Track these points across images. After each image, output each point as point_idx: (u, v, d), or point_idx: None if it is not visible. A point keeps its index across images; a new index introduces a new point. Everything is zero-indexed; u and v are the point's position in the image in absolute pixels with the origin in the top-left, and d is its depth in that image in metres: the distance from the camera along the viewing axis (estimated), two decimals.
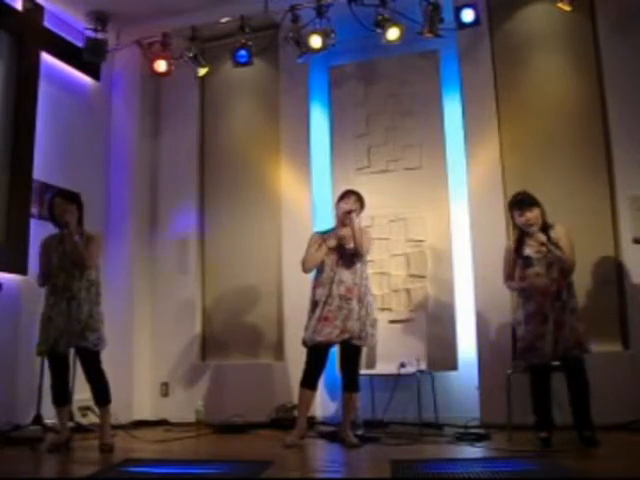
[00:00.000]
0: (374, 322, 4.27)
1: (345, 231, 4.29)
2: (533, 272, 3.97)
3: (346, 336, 4.11)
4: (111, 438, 4.09)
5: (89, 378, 4.08)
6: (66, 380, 4.13)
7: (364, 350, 5.04)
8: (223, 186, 5.93)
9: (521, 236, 4.06)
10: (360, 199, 4.37)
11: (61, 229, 4.13)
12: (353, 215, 4.22)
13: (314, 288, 4.26)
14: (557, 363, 3.94)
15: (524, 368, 4.02)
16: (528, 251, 4.00)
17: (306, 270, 4.33)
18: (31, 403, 4.61)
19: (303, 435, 4.23)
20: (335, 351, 4.33)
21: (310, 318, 4.19)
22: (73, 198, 4.23)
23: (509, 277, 4.11)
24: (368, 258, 4.41)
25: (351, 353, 4.18)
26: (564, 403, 3.93)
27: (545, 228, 3.99)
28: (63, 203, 4.14)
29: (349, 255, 4.23)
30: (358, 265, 4.25)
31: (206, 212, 5.97)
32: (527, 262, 4.00)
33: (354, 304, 4.14)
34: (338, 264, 4.22)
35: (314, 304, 4.20)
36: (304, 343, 4.20)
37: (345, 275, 4.19)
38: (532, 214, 3.97)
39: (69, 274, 4.06)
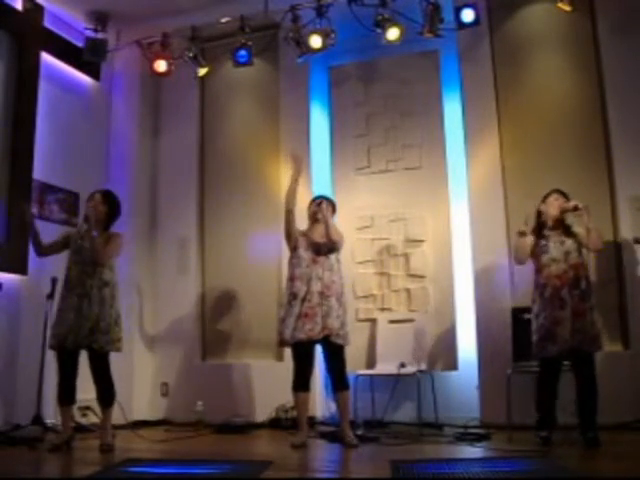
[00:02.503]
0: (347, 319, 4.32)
1: (317, 231, 4.34)
2: (549, 258, 4.00)
3: (326, 332, 4.10)
4: (111, 438, 4.09)
5: (95, 379, 4.07)
6: (73, 379, 4.09)
7: (364, 350, 5.06)
8: (223, 186, 5.93)
9: (539, 228, 4.13)
10: (330, 201, 4.48)
11: (86, 223, 4.17)
12: (323, 205, 4.32)
13: (290, 280, 4.26)
14: (567, 363, 3.94)
15: (539, 361, 4.00)
16: (544, 241, 4.06)
17: (289, 205, 4.39)
18: (31, 403, 4.60)
19: (307, 435, 4.26)
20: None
21: (288, 314, 4.17)
22: (108, 199, 4.26)
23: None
24: (368, 258, 4.40)
25: (335, 352, 4.17)
26: (564, 402, 3.93)
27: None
28: (99, 200, 4.21)
29: (326, 252, 4.25)
30: (334, 263, 4.27)
31: (206, 212, 5.97)
32: (543, 249, 4.05)
33: (333, 301, 4.15)
34: (315, 261, 4.23)
35: (292, 296, 4.19)
36: (283, 343, 4.20)
37: (322, 272, 4.20)
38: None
39: (82, 270, 4.07)
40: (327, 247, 4.27)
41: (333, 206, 4.49)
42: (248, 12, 5.40)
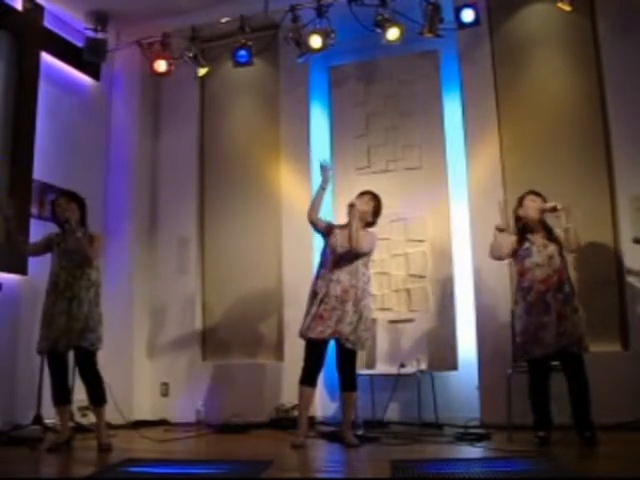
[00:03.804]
0: (369, 326, 4.28)
1: (346, 233, 4.26)
2: (532, 262, 4.00)
3: (336, 336, 4.12)
4: (108, 438, 4.10)
5: (85, 378, 4.08)
6: (66, 380, 4.13)
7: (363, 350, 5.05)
8: (223, 186, 5.93)
9: (522, 231, 4.12)
10: (375, 199, 4.35)
11: (63, 228, 4.15)
12: (355, 209, 4.20)
13: (315, 278, 4.27)
14: (556, 363, 3.96)
15: (526, 362, 4.01)
16: (528, 244, 4.05)
17: (310, 216, 4.29)
18: (31, 403, 4.61)
19: (307, 434, 4.25)
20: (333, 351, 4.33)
21: (307, 312, 4.19)
22: (75, 198, 4.26)
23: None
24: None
25: (347, 356, 4.18)
26: (562, 402, 3.94)
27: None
28: (65, 202, 4.19)
29: (348, 255, 4.22)
30: (359, 267, 4.22)
31: (206, 212, 5.97)
32: (526, 253, 4.04)
33: (349, 307, 4.13)
34: (338, 264, 4.21)
35: (313, 294, 4.20)
36: (300, 334, 4.22)
37: (342, 275, 4.18)
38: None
39: (70, 273, 4.06)
40: (349, 255, 4.21)
41: (376, 203, 4.34)
42: (248, 12, 5.40)
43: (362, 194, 4.37)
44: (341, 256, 4.22)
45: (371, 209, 4.32)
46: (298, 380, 4.18)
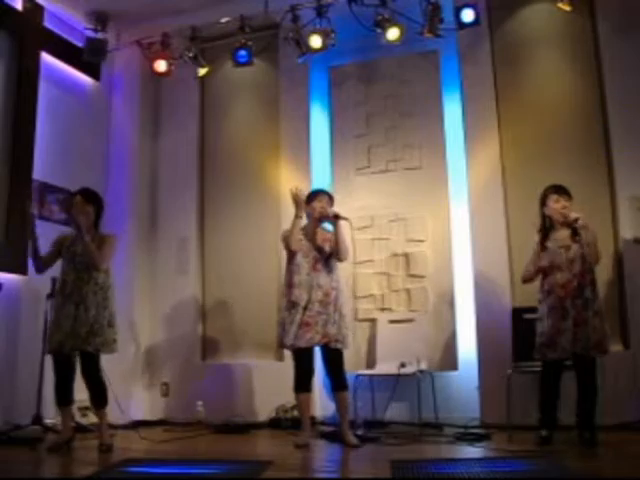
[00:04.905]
0: (348, 323, 4.29)
1: (321, 233, 4.28)
2: (554, 264, 3.96)
3: (325, 340, 4.11)
4: (109, 438, 4.09)
5: (87, 380, 4.07)
6: (70, 381, 4.11)
7: (364, 350, 5.06)
8: (223, 186, 5.93)
9: (546, 230, 4.08)
10: (331, 198, 4.37)
11: (76, 228, 4.14)
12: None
13: (289, 287, 4.21)
14: (569, 362, 3.94)
15: (540, 363, 3.98)
16: (551, 244, 4.02)
17: (290, 246, 4.21)
18: (31, 403, 4.60)
19: (311, 435, 4.27)
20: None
21: (290, 322, 4.13)
22: (92, 199, 4.21)
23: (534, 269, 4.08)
24: (368, 258, 4.39)
25: (334, 357, 4.17)
26: (566, 403, 3.93)
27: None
28: (81, 202, 4.15)
29: (326, 258, 4.23)
30: (333, 268, 4.26)
31: (206, 212, 5.97)
32: (549, 254, 4.00)
33: (331, 309, 4.14)
34: (315, 268, 4.20)
35: (292, 304, 4.15)
36: (284, 346, 4.20)
37: (322, 279, 4.17)
38: (568, 204, 4.01)
39: (78, 277, 4.06)
40: (329, 256, 4.23)
41: (332, 202, 4.37)
42: (248, 12, 5.41)
43: (318, 195, 4.33)
44: (318, 259, 4.22)
45: (330, 204, 4.34)
46: (293, 388, 4.18)
